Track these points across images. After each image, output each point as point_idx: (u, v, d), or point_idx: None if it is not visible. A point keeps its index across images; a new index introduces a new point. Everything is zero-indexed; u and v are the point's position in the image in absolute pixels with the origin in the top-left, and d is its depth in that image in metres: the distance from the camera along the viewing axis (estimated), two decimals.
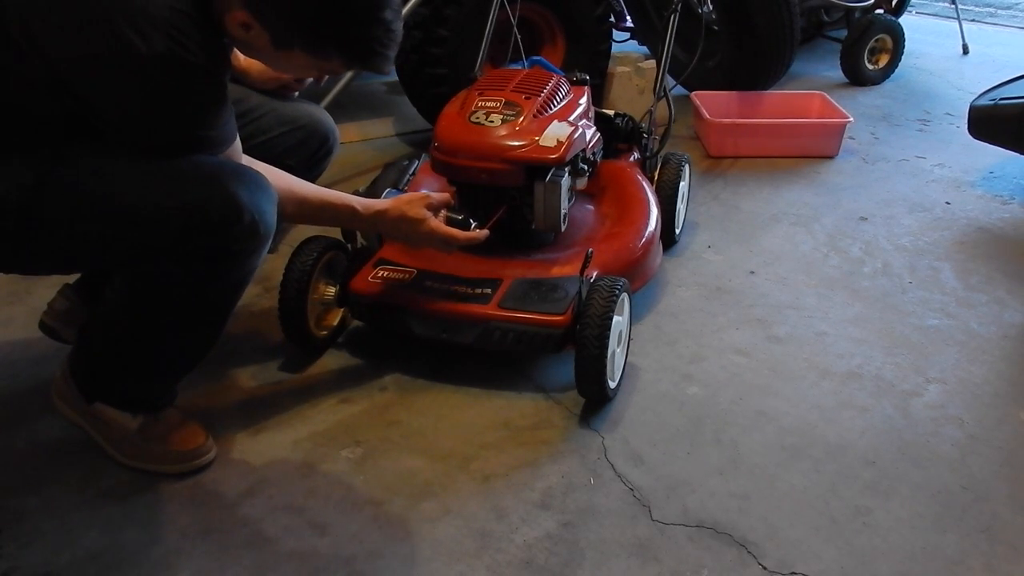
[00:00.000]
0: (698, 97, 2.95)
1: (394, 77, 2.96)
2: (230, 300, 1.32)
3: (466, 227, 1.58)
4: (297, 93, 1.71)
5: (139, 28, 1.05)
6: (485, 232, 1.59)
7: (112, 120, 1.15)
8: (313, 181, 1.68)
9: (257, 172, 1.25)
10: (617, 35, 3.36)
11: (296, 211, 1.41)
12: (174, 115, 1.15)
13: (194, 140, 1.18)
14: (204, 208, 1.15)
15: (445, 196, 1.60)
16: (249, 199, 1.18)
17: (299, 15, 1.13)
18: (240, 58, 1.58)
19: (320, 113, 1.73)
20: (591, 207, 1.97)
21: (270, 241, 1.26)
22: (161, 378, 1.40)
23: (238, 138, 1.27)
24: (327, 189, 1.49)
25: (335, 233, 1.70)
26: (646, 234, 1.85)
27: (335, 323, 1.74)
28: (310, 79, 1.66)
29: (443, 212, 1.57)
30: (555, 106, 1.79)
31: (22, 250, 1.18)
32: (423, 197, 1.55)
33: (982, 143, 2.60)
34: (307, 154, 1.65)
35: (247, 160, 1.32)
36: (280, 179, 1.38)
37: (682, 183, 2.13)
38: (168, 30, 1.07)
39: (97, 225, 1.15)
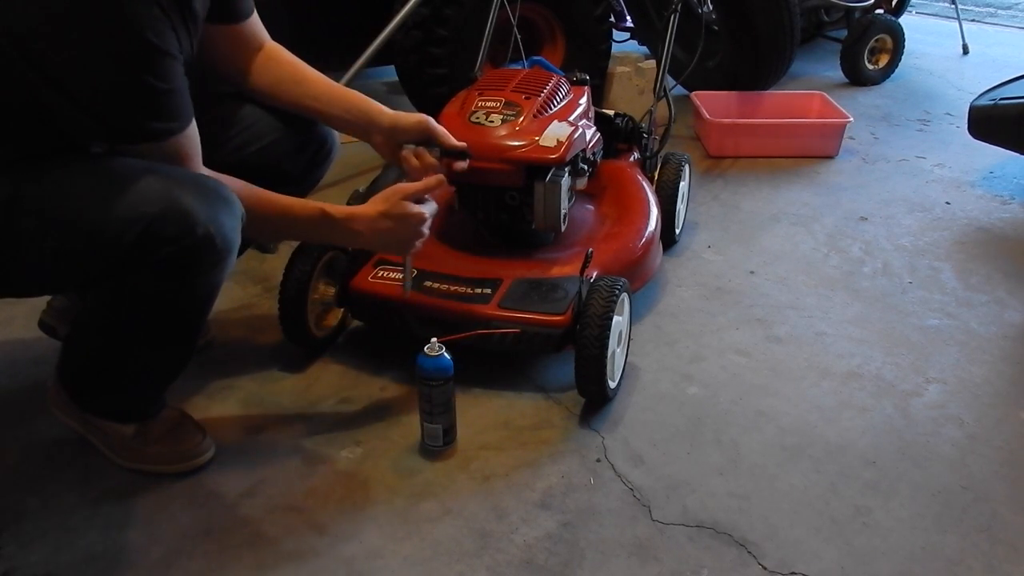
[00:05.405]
0: (698, 97, 2.95)
1: (394, 77, 2.96)
2: (197, 316, 1.30)
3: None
4: None
5: None
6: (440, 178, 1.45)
7: (65, 87, 1.11)
8: (314, 185, 1.66)
9: (221, 184, 1.21)
10: (617, 35, 3.36)
11: (259, 225, 1.31)
12: (121, 55, 1.10)
13: (145, 96, 1.13)
14: (157, 221, 1.13)
15: (421, 183, 1.43)
16: (204, 212, 1.15)
17: None
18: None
19: None
20: (591, 207, 1.97)
21: (233, 255, 1.22)
22: (142, 391, 1.39)
23: (196, 130, 1.22)
24: (289, 196, 1.35)
25: None
26: (646, 234, 1.85)
27: (335, 323, 1.74)
28: None
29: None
30: (555, 106, 1.79)
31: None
32: (396, 190, 1.41)
33: (982, 143, 2.60)
34: (306, 158, 1.62)
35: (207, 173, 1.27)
36: (239, 190, 1.29)
37: (682, 183, 2.13)
38: None
39: (58, 241, 1.14)
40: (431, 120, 1.51)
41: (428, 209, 1.44)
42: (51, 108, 1.14)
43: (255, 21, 1.45)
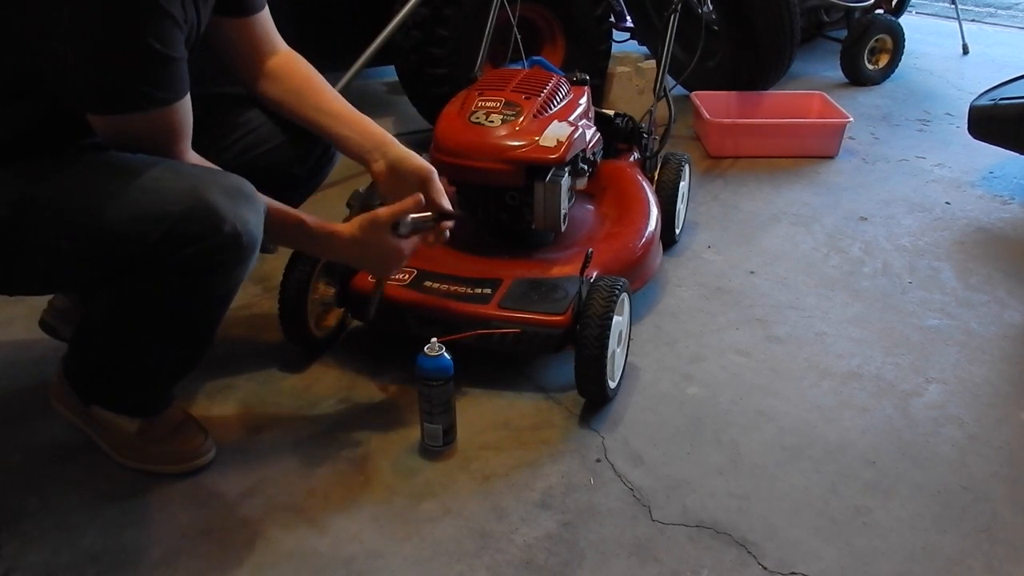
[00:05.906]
0: (698, 97, 2.95)
1: (394, 77, 2.96)
2: (214, 314, 1.29)
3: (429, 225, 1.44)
4: None
5: None
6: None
7: (58, 45, 1.07)
8: (316, 188, 1.67)
9: (244, 181, 1.20)
10: (617, 35, 3.36)
11: None
12: (121, 12, 1.06)
13: (144, 58, 1.09)
14: (183, 219, 1.12)
15: (398, 206, 1.40)
16: (231, 209, 1.15)
17: None
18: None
19: None
20: (591, 207, 1.97)
21: (255, 253, 1.21)
22: (152, 386, 1.39)
23: (190, 109, 1.20)
24: (277, 202, 1.33)
25: None
26: (646, 234, 1.85)
27: (335, 323, 1.74)
28: None
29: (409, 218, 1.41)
30: (555, 106, 1.79)
31: (4, 268, 1.17)
32: (373, 218, 1.39)
33: (982, 143, 2.60)
34: (311, 162, 1.62)
35: (196, 158, 1.26)
36: None
37: (682, 183, 2.13)
38: None
39: (75, 241, 1.13)
40: (435, 174, 1.46)
41: (407, 245, 1.43)
42: (42, 70, 1.10)
43: (266, 20, 1.43)
